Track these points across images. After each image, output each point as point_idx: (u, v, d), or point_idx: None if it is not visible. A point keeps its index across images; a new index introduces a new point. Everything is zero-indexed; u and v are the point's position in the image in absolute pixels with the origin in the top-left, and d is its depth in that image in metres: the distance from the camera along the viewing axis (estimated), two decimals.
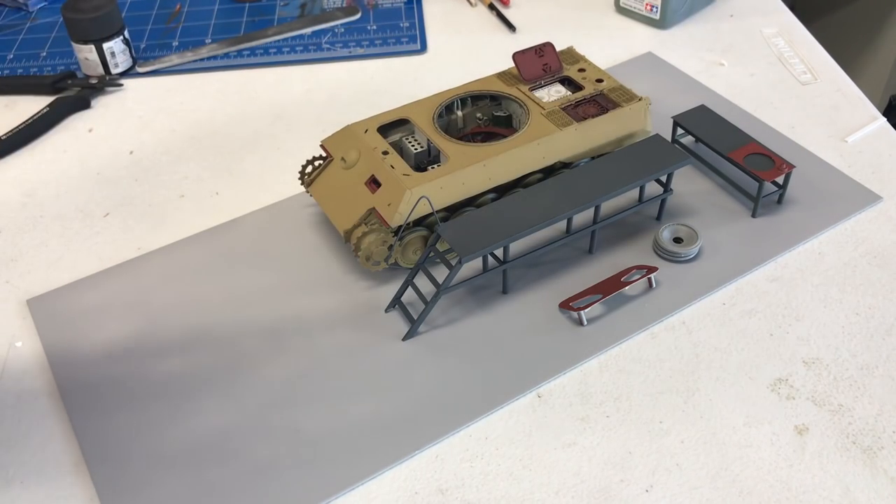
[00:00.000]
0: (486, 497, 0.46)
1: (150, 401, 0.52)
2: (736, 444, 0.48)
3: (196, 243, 0.62)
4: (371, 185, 0.57)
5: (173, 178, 0.69)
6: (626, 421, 0.50)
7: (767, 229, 0.61)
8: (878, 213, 0.62)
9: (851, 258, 0.59)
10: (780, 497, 0.46)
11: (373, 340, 0.55)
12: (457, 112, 0.64)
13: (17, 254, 0.63)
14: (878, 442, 0.48)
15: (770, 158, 0.61)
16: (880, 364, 0.52)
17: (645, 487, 0.46)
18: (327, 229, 0.63)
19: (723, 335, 0.54)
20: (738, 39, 0.82)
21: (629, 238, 0.61)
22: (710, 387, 0.51)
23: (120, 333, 0.56)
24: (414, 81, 0.79)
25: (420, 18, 0.88)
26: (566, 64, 0.66)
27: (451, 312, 0.56)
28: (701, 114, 0.66)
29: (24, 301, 0.59)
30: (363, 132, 0.60)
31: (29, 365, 0.55)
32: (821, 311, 0.55)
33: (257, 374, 0.53)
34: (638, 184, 0.57)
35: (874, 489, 0.46)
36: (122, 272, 0.60)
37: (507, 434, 0.49)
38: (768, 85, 0.76)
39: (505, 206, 0.55)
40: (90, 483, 0.48)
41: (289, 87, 0.79)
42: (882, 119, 0.71)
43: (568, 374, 0.52)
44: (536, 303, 0.56)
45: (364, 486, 0.47)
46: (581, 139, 0.60)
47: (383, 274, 0.59)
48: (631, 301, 0.56)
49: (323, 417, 0.50)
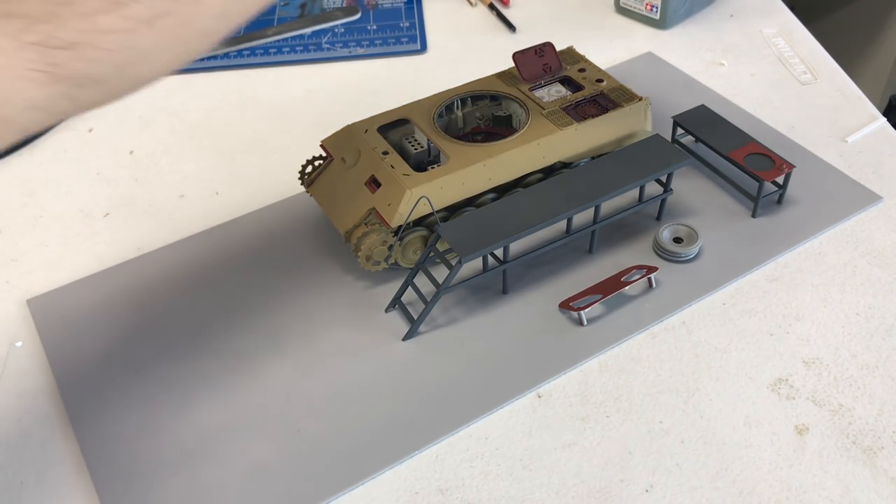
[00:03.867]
0: (486, 497, 0.46)
1: (150, 401, 0.52)
2: (736, 444, 0.48)
3: (196, 243, 0.62)
4: (371, 185, 0.57)
5: (173, 178, 0.69)
6: (626, 421, 0.50)
7: (767, 229, 0.61)
8: (878, 213, 0.62)
9: (851, 258, 0.59)
10: (780, 497, 0.46)
11: (373, 340, 0.55)
12: (457, 112, 0.64)
13: (17, 254, 0.63)
14: (878, 442, 0.48)
15: (770, 158, 0.61)
16: (880, 364, 0.52)
17: (645, 487, 0.46)
18: (327, 229, 0.63)
19: (723, 335, 0.54)
20: (738, 39, 0.82)
21: (629, 238, 0.61)
22: (710, 387, 0.51)
23: (120, 333, 0.56)
24: (414, 81, 0.79)
25: (420, 18, 0.88)
26: (566, 64, 0.66)
27: (451, 312, 0.56)
28: (701, 114, 0.66)
29: (24, 301, 0.59)
30: (363, 132, 0.60)
31: (29, 365, 0.55)
32: (821, 311, 0.55)
33: (257, 374, 0.53)
34: (638, 184, 0.57)
35: (874, 489, 0.46)
36: (122, 272, 0.60)
37: (507, 434, 0.49)
38: (768, 85, 0.76)
39: (505, 206, 0.55)
40: (90, 483, 0.48)
41: (289, 87, 0.79)
42: (882, 119, 0.71)
43: (568, 374, 0.52)
44: (536, 303, 0.56)
45: (364, 486, 0.47)
46: (581, 139, 0.60)
47: (383, 274, 0.59)
48: (631, 301, 0.56)
49: (323, 417, 0.50)
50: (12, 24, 0.29)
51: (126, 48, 0.31)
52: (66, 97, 0.31)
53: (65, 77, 0.30)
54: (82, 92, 0.31)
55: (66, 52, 0.30)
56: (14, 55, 0.29)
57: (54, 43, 0.29)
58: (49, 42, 0.29)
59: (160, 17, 0.31)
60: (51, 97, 0.31)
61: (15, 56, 0.29)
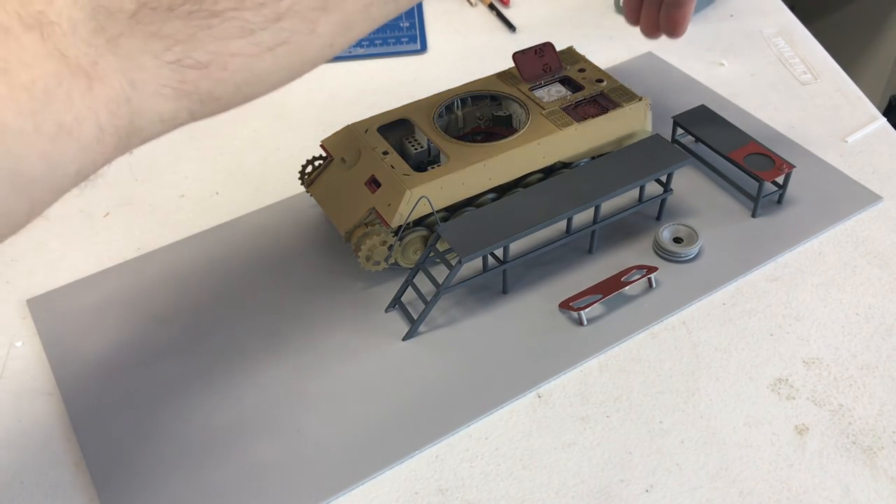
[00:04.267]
0: (486, 497, 0.46)
1: (150, 401, 0.52)
2: (736, 444, 0.48)
3: (196, 243, 0.62)
4: (371, 186, 0.57)
5: (173, 178, 0.69)
6: (626, 421, 0.50)
7: (767, 229, 0.61)
8: (878, 213, 0.62)
9: (851, 258, 0.59)
10: (780, 497, 0.46)
11: (373, 340, 0.55)
12: (457, 112, 0.64)
13: (17, 254, 0.63)
14: (878, 442, 0.48)
15: (770, 158, 0.61)
16: (880, 364, 0.52)
17: (645, 487, 0.46)
18: (327, 229, 0.63)
19: (723, 335, 0.54)
20: (738, 39, 0.82)
21: (629, 238, 0.61)
22: (710, 387, 0.51)
23: (120, 333, 0.56)
24: (414, 81, 0.79)
25: (420, 18, 0.88)
26: (566, 64, 0.66)
27: (451, 312, 0.56)
28: (701, 114, 0.66)
29: (24, 301, 0.59)
30: (363, 132, 0.60)
31: (29, 365, 0.55)
32: (821, 311, 0.55)
33: (257, 374, 0.53)
34: (638, 184, 0.57)
35: (874, 489, 0.46)
36: (122, 272, 0.60)
37: (507, 434, 0.49)
38: (768, 85, 0.76)
39: (505, 206, 0.55)
40: (90, 483, 0.48)
41: (289, 86, 0.79)
42: (882, 119, 0.71)
43: (568, 374, 0.52)
44: (536, 303, 0.56)
45: (364, 486, 0.47)
46: (581, 139, 0.60)
47: (383, 274, 0.59)
48: (631, 301, 0.56)
49: (323, 417, 0.50)
50: (156, 43, 0.31)
51: (247, 70, 0.34)
52: (188, 111, 0.34)
53: (191, 94, 0.33)
54: (202, 107, 0.34)
55: (197, 72, 0.32)
56: (152, 72, 0.31)
57: (188, 63, 0.32)
58: (184, 62, 0.32)
59: (280, 44, 0.34)
60: (176, 111, 0.33)
61: (153, 73, 0.31)
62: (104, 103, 0.31)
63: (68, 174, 0.31)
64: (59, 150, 0.30)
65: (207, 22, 0.31)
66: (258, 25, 0.33)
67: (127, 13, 0.30)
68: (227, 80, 0.33)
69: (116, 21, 0.30)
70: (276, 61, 0.34)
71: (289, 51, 0.34)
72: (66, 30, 0.29)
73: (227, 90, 0.34)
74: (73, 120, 0.30)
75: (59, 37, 0.29)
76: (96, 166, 0.33)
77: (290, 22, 0.34)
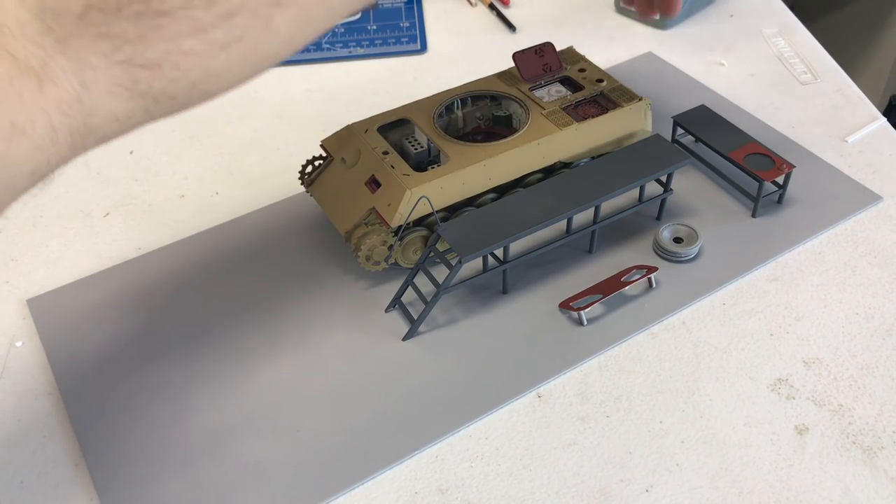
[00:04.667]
0: (486, 497, 0.46)
1: (150, 401, 0.52)
2: (736, 444, 0.48)
3: (196, 243, 0.62)
4: (371, 185, 0.57)
5: (173, 178, 0.69)
6: (626, 421, 0.50)
7: (767, 229, 0.61)
8: (878, 213, 0.62)
9: (851, 258, 0.59)
10: (780, 497, 0.46)
11: (373, 340, 0.55)
12: (457, 112, 0.64)
13: (17, 254, 0.63)
14: (878, 442, 0.48)
15: (770, 158, 0.61)
16: (880, 364, 0.52)
17: (645, 487, 0.46)
18: (327, 229, 0.63)
19: (723, 335, 0.54)
20: (738, 39, 0.82)
21: (629, 238, 0.61)
22: (710, 387, 0.51)
23: (120, 333, 0.56)
24: (414, 81, 0.79)
25: (420, 18, 0.88)
26: (566, 64, 0.66)
27: (452, 312, 0.56)
28: (701, 114, 0.66)
29: (24, 301, 0.59)
30: (363, 132, 0.60)
31: (29, 365, 0.55)
32: (821, 311, 0.55)
33: (257, 374, 0.53)
34: (638, 184, 0.57)
35: (874, 489, 0.46)
36: (122, 272, 0.60)
37: (507, 434, 0.49)
38: (768, 85, 0.76)
39: (505, 206, 0.55)
40: (90, 483, 0.48)
41: (289, 87, 0.79)
42: (882, 119, 0.71)
43: (568, 374, 0.52)
44: (536, 303, 0.56)
45: (364, 486, 0.47)
46: (581, 139, 0.60)
47: (383, 274, 0.59)
48: (631, 301, 0.56)
49: (323, 417, 0.50)
50: (105, 43, 0.31)
51: (201, 68, 0.34)
52: (143, 110, 0.34)
53: (145, 93, 0.33)
54: (158, 106, 0.34)
55: (149, 71, 0.32)
56: (103, 72, 0.32)
57: (139, 62, 0.32)
58: (135, 61, 0.32)
59: (234, 41, 0.34)
60: (131, 110, 0.33)
61: (104, 73, 0.32)
62: (55, 103, 0.31)
63: (23, 174, 0.31)
64: (13, 150, 0.30)
65: (156, 22, 0.31)
66: (210, 23, 0.33)
67: (74, 14, 0.30)
68: (181, 78, 0.33)
69: (64, 22, 0.30)
70: (232, 59, 0.34)
71: (244, 48, 0.34)
72: (15, 31, 0.30)
73: (181, 89, 0.34)
74: (25, 120, 0.30)
75: (8, 38, 0.29)
76: (51, 166, 0.32)
77: (243, 19, 0.33)
